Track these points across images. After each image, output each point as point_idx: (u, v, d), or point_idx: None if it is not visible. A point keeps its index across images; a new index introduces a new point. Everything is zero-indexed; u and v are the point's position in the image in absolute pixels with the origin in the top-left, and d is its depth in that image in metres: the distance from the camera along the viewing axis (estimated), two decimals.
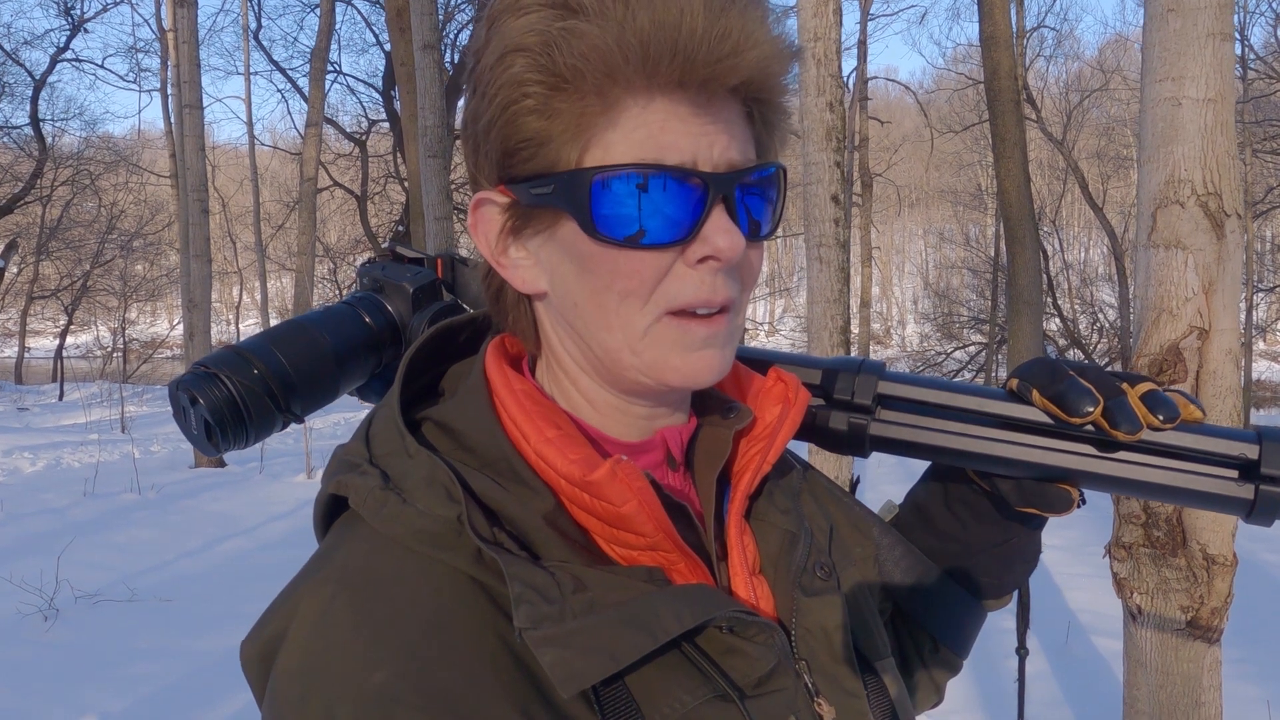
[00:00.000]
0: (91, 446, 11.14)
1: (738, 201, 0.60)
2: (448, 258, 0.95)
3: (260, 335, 0.85)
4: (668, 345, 0.61)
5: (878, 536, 0.81)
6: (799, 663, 0.67)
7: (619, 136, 0.57)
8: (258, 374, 0.81)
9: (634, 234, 0.58)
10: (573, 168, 0.58)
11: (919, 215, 48.49)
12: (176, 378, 0.82)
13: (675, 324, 0.60)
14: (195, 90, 10.20)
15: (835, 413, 0.78)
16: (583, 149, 0.58)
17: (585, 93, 0.56)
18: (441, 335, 0.72)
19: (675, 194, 0.58)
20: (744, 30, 0.56)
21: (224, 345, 0.85)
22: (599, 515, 0.60)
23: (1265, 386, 24.18)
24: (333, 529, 0.65)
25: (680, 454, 0.70)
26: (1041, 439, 0.73)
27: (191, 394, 0.80)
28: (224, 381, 0.80)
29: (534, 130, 0.58)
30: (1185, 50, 2.26)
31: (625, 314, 0.60)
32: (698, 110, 0.57)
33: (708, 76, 0.56)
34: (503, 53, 0.58)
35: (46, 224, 21.27)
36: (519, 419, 0.62)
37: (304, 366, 0.84)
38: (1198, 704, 2.33)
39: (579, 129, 0.57)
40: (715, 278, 0.60)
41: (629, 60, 0.55)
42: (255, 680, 0.59)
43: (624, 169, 0.57)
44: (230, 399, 0.80)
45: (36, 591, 5.37)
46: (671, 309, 0.60)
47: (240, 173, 32.07)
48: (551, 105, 0.57)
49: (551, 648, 0.54)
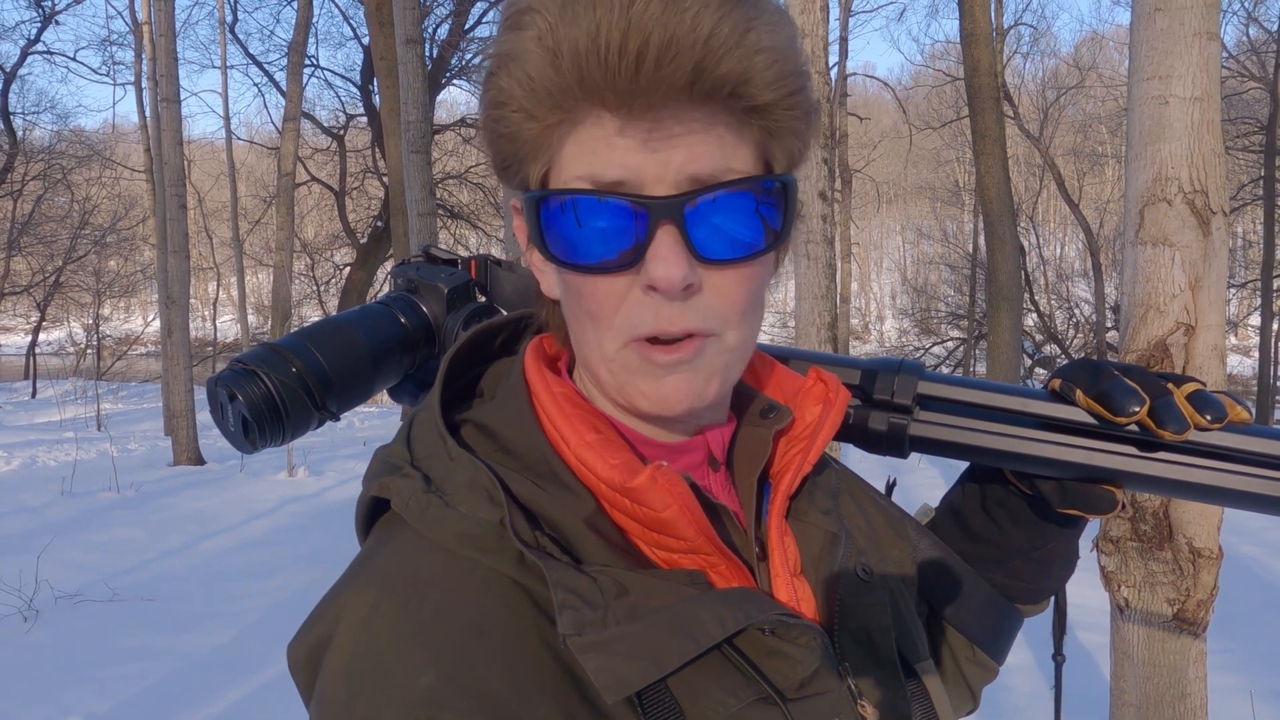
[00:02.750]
0: (68, 445, 11.00)
1: (695, 223, 0.56)
2: (481, 259, 0.95)
3: (297, 333, 0.85)
4: (633, 372, 0.60)
5: (914, 539, 0.81)
6: (841, 664, 0.67)
7: (570, 157, 0.57)
8: (295, 372, 0.81)
9: (581, 258, 0.57)
10: (532, 188, 0.59)
11: (897, 211, 48.70)
12: (215, 374, 0.82)
13: (638, 351, 0.59)
14: (172, 84, 10.07)
15: (875, 413, 0.78)
16: (545, 168, 0.58)
17: (544, 112, 0.56)
18: (480, 337, 0.72)
19: (616, 218, 0.56)
20: (676, 33, 0.52)
21: (260, 342, 0.85)
22: (639, 520, 0.60)
23: (1237, 380, 24.51)
24: (374, 531, 0.65)
25: (721, 454, 0.69)
26: (1085, 439, 0.72)
27: (230, 390, 0.80)
28: (262, 378, 0.80)
29: (507, 151, 0.60)
30: (1172, 49, 2.29)
31: (596, 336, 0.60)
32: (652, 125, 0.54)
33: (635, 89, 0.53)
34: (487, 73, 0.59)
35: (17, 219, 20.95)
36: (559, 422, 0.62)
37: (340, 365, 0.84)
38: (1183, 695, 2.36)
39: (541, 148, 0.58)
40: (670, 306, 0.57)
41: (565, 80, 0.54)
42: (303, 684, 0.59)
43: (564, 193, 0.57)
44: (268, 396, 0.80)
45: (15, 592, 5.30)
46: (635, 337, 0.58)
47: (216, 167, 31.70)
48: (518, 125, 0.57)
49: (595, 654, 0.54)
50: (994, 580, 0.84)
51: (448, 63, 18.08)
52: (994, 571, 0.84)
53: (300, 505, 8.30)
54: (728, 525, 0.65)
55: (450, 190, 19.65)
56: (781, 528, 0.69)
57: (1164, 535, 2.35)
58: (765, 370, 0.75)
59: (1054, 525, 0.81)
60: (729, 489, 0.70)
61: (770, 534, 0.68)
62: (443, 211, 18.45)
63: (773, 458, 0.71)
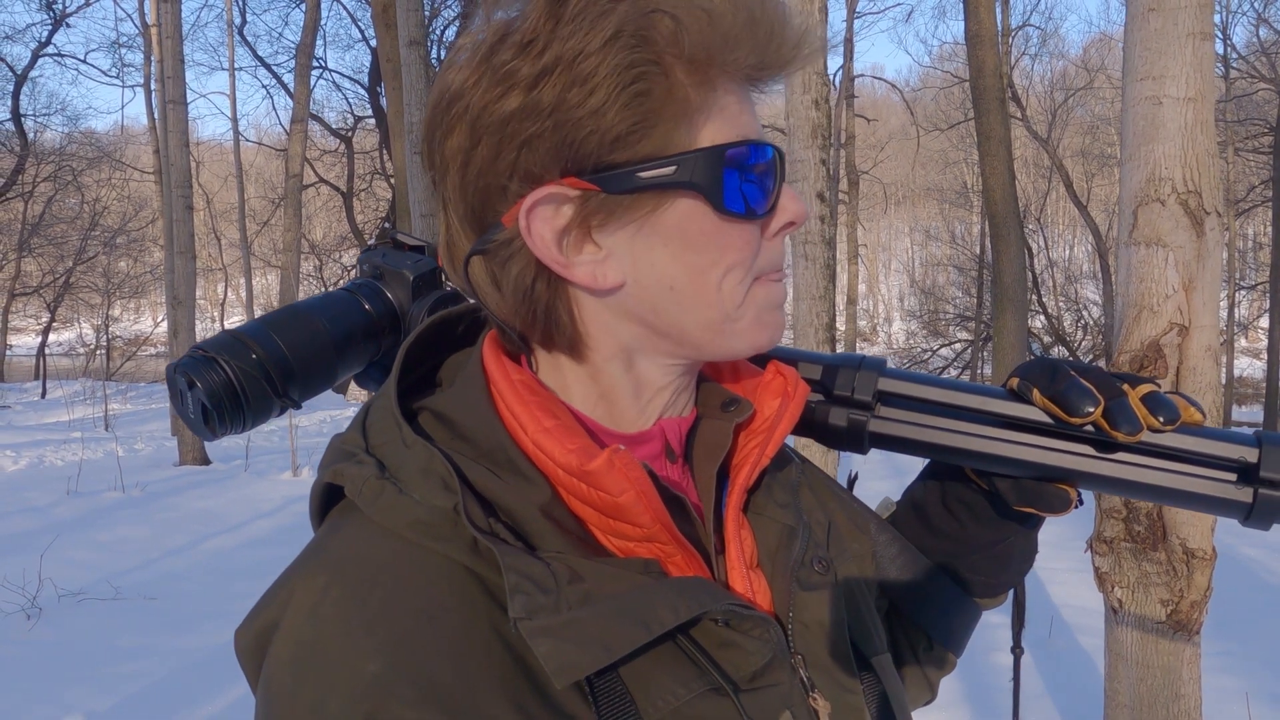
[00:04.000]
0: (75, 444, 11.05)
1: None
2: None
3: (258, 320, 0.84)
4: (760, 307, 0.64)
5: (875, 533, 0.81)
6: (795, 657, 0.67)
7: (721, 118, 0.60)
8: (255, 359, 0.81)
9: (751, 208, 0.61)
10: (692, 148, 0.58)
11: (905, 213, 48.63)
12: (174, 361, 0.82)
13: (763, 287, 0.64)
14: (179, 86, 10.12)
15: (835, 408, 0.78)
16: (692, 130, 0.59)
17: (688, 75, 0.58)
18: (440, 325, 0.71)
19: (768, 169, 0.62)
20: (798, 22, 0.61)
21: (222, 329, 0.85)
22: (596, 505, 0.60)
23: (1247, 383, 24.39)
24: (328, 518, 0.64)
25: (679, 446, 0.69)
26: (1041, 439, 0.73)
27: (189, 378, 0.80)
28: (221, 366, 0.80)
29: (640, 114, 0.57)
30: (1166, 49, 2.29)
31: (728, 286, 0.62)
32: (750, 94, 0.63)
33: (783, 61, 0.61)
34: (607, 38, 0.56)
35: (28, 220, 21.07)
36: (516, 409, 0.62)
37: (302, 352, 0.84)
38: (1177, 696, 2.36)
39: (684, 111, 0.58)
40: (783, 244, 0.66)
41: (728, 46, 0.58)
42: (249, 669, 0.59)
43: (747, 144, 0.61)
44: (227, 383, 0.80)
45: (19, 590, 5.34)
46: (762, 274, 0.64)
47: (225, 169, 31.84)
48: (656, 89, 0.57)
49: (546, 638, 0.53)
50: (954, 574, 0.84)
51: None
52: (954, 565, 0.84)
53: (304, 505, 8.12)
54: (686, 516, 0.65)
55: None
56: (739, 520, 0.69)
57: (1158, 536, 2.34)
58: (726, 364, 0.75)
59: (1013, 522, 0.81)
60: (687, 481, 0.70)
61: (728, 526, 0.68)
62: None
63: (732, 450, 0.71)
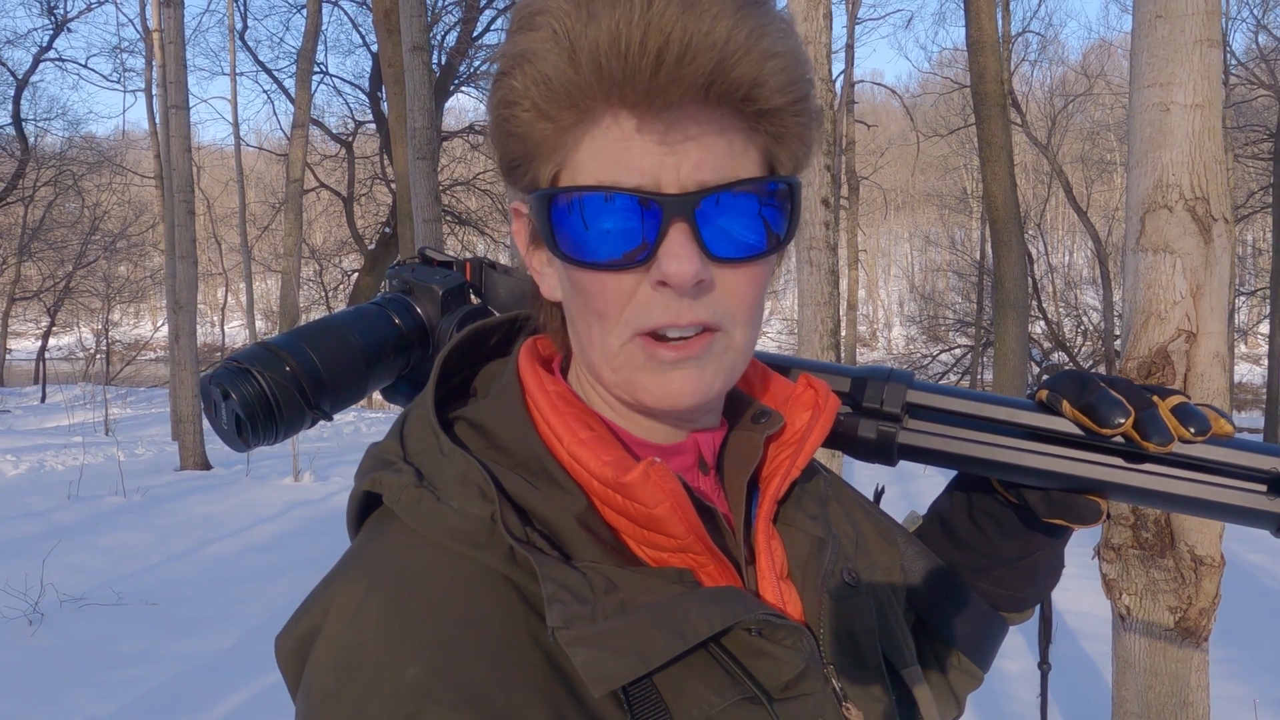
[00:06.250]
0: (75, 449, 11.04)
1: (705, 222, 0.58)
2: (477, 262, 0.96)
3: (291, 333, 0.85)
4: (637, 367, 0.61)
5: (902, 546, 0.81)
6: (826, 666, 0.67)
7: (586, 156, 0.58)
8: (289, 371, 0.82)
9: (594, 256, 0.58)
10: (543, 187, 0.60)
11: (905, 218, 48.69)
12: (209, 371, 0.83)
13: (643, 346, 0.60)
14: (181, 91, 10.13)
15: (864, 420, 0.78)
16: (557, 168, 0.59)
17: (559, 112, 0.57)
18: (474, 337, 0.72)
19: (630, 216, 0.57)
20: (694, 35, 0.53)
21: (255, 341, 0.85)
22: (631, 516, 0.61)
23: (1247, 389, 24.40)
24: (366, 525, 0.65)
25: (711, 458, 0.70)
26: (1070, 450, 0.73)
27: (224, 388, 0.80)
28: (256, 377, 0.81)
29: (517, 151, 0.60)
30: (1173, 56, 2.29)
31: (600, 333, 0.61)
32: (668, 126, 0.56)
33: (654, 88, 0.54)
34: (497, 73, 0.60)
35: (29, 225, 21.09)
36: (552, 419, 0.63)
37: (334, 365, 0.84)
38: (1185, 704, 2.35)
39: (554, 148, 0.58)
40: (679, 301, 0.58)
41: (583, 79, 0.55)
42: (290, 675, 0.60)
43: (579, 191, 0.58)
44: (262, 394, 0.80)
45: (21, 595, 5.32)
46: (641, 331, 0.60)
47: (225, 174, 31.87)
48: (530, 125, 0.58)
49: (583, 647, 0.54)
50: (980, 588, 0.84)
51: (456, 70, 18.16)
52: (980, 579, 0.84)
53: (305, 510, 8.31)
54: (717, 527, 0.65)
55: (458, 196, 19.73)
56: (769, 531, 0.70)
57: (1165, 543, 2.34)
58: (757, 376, 0.76)
59: (1040, 534, 0.81)
60: (718, 492, 0.70)
61: (758, 537, 0.69)
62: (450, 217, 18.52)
63: (762, 462, 0.71)
